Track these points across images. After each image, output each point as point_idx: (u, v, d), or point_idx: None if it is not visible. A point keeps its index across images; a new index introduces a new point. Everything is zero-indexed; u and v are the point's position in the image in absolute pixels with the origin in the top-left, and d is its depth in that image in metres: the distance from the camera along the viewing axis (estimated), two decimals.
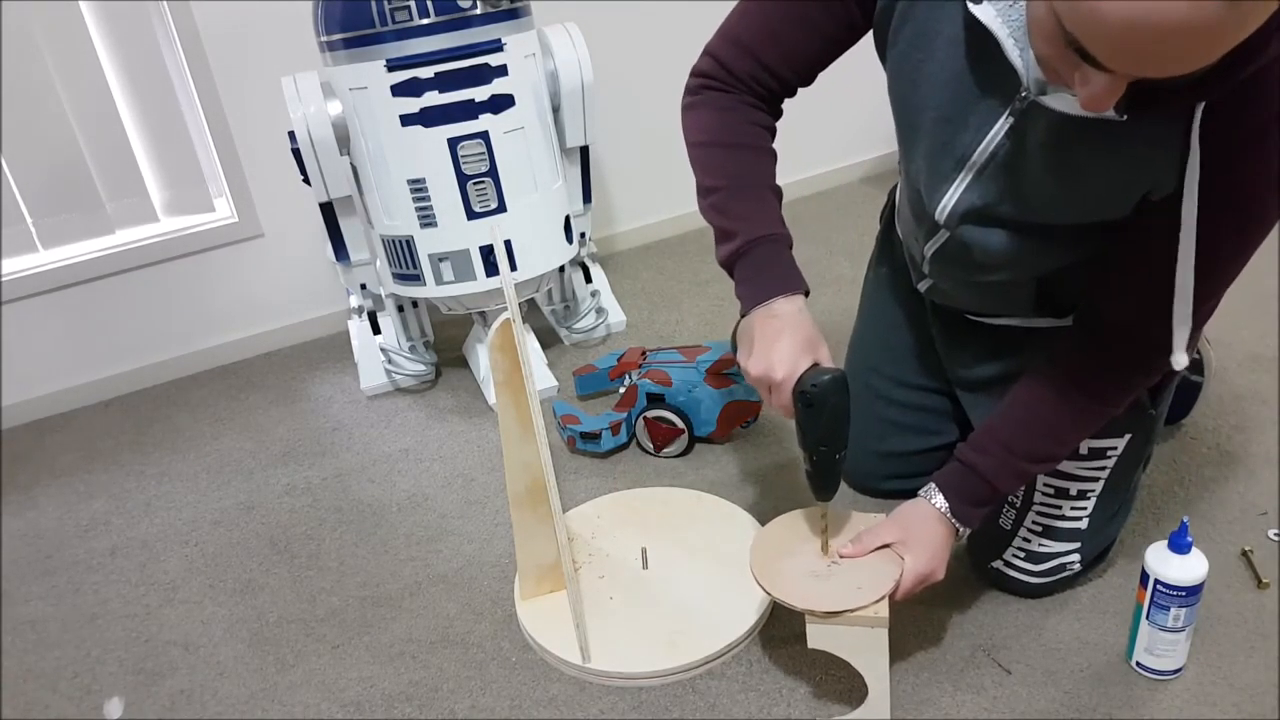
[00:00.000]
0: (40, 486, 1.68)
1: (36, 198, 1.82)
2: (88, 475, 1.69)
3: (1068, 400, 0.95)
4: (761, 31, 0.98)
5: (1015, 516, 1.13)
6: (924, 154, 0.95)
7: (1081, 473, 1.09)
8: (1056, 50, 0.69)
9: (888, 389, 1.29)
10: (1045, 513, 1.11)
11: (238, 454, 1.70)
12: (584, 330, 1.92)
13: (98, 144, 1.83)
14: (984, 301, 1.10)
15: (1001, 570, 1.15)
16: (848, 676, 1.07)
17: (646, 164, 2.32)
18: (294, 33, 1.82)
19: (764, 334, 0.95)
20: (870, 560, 0.99)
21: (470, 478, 1.54)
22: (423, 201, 1.57)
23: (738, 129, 1.01)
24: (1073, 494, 1.09)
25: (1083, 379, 0.95)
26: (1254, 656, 1.05)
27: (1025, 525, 1.12)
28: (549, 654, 1.15)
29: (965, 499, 1.00)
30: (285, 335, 2.10)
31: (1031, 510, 1.12)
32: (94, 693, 1.20)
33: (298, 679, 1.18)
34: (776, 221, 1.00)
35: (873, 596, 0.94)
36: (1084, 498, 1.10)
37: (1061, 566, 1.12)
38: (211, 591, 1.36)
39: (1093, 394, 0.96)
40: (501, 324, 1.05)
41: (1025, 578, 1.13)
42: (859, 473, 1.35)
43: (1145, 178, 0.83)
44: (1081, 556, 1.12)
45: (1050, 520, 1.11)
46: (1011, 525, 1.13)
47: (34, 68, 1.72)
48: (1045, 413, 0.97)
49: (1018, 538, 1.13)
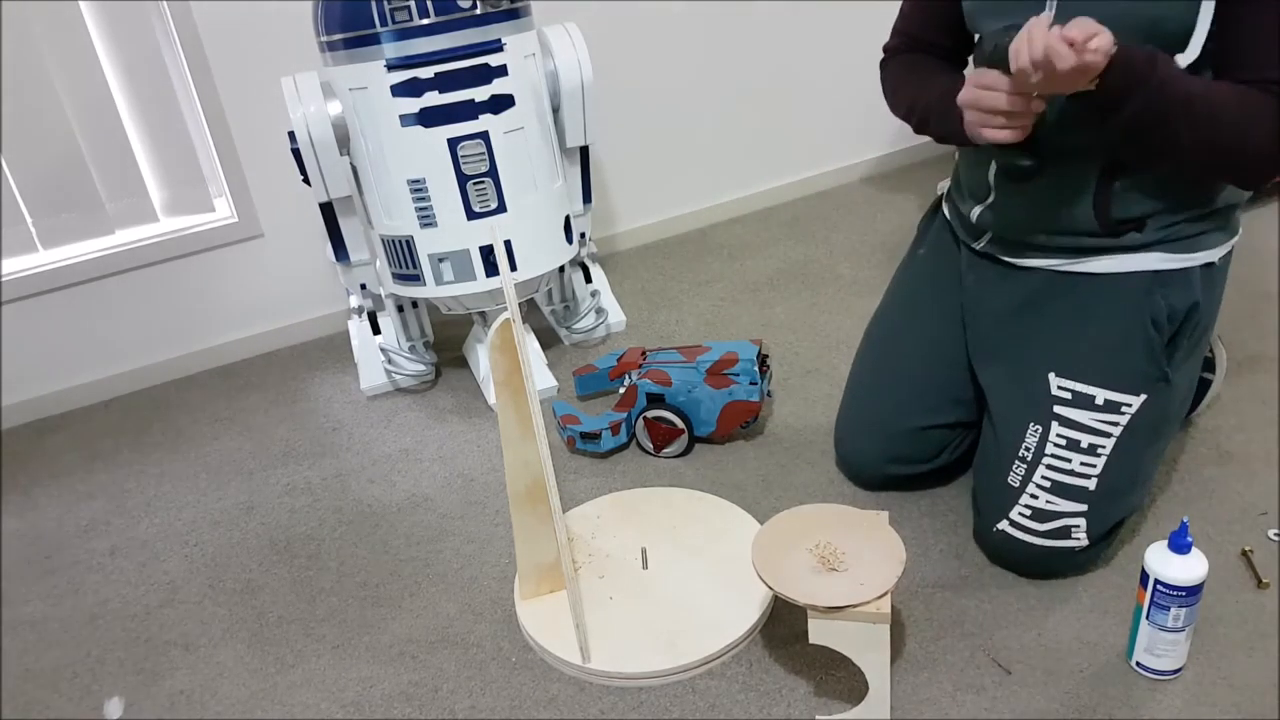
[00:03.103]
0: (40, 486, 1.68)
1: (36, 198, 1.82)
2: (88, 475, 1.69)
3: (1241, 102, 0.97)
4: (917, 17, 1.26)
5: (1025, 471, 1.14)
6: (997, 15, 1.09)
7: (1095, 425, 1.11)
8: None
9: (902, 366, 1.33)
10: (1055, 466, 1.13)
11: (238, 454, 1.70)
12: (584, 330, 1.92)
13: (98, 144, 1.83)
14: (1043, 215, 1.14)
15: (1006, 533, 1.16)
16: (848, 676, 1.08)
17: (646, 164, 2.32)
18: (294, 33, 1.82)
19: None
20: (872, 557, 1.00)
21: (470, 478, 1.54)
22: (423, 201, 1.57)
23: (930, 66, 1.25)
24: (1084, 447, 1.12)
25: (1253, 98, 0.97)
26: (1254, 656, 1.05)
27: (1034, 480, 1.14)
28: (549, 654, 1.15)
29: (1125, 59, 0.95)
30: (285, 335, 2.10)
31: (1042, 463, 1.13)
32: (94, 693, 1.20)
33: (298, 679, 1.18)
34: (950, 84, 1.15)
35: (875, 592, 0.95)
36: (1095, 453, 1.12)
37: (1066, 530, 1.13)
38: (211, 591, 1.36)
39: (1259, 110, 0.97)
40: (501, 324, 1.05)
41: (1029, 539, 1.14)
42: (860, 456, 1.36)
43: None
44: (1087, 524, 1.12)
45: (1059, 475, 1.13)
46: (1020, 481, 1.15)
47: (34, 68, 1.72)
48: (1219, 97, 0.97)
49: (1025, 494, 1.14)
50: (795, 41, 2.35)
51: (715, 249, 2.28)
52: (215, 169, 1.93)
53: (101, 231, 1.89)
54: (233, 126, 1.88)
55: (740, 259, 2.21)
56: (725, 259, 2.22)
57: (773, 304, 1.98)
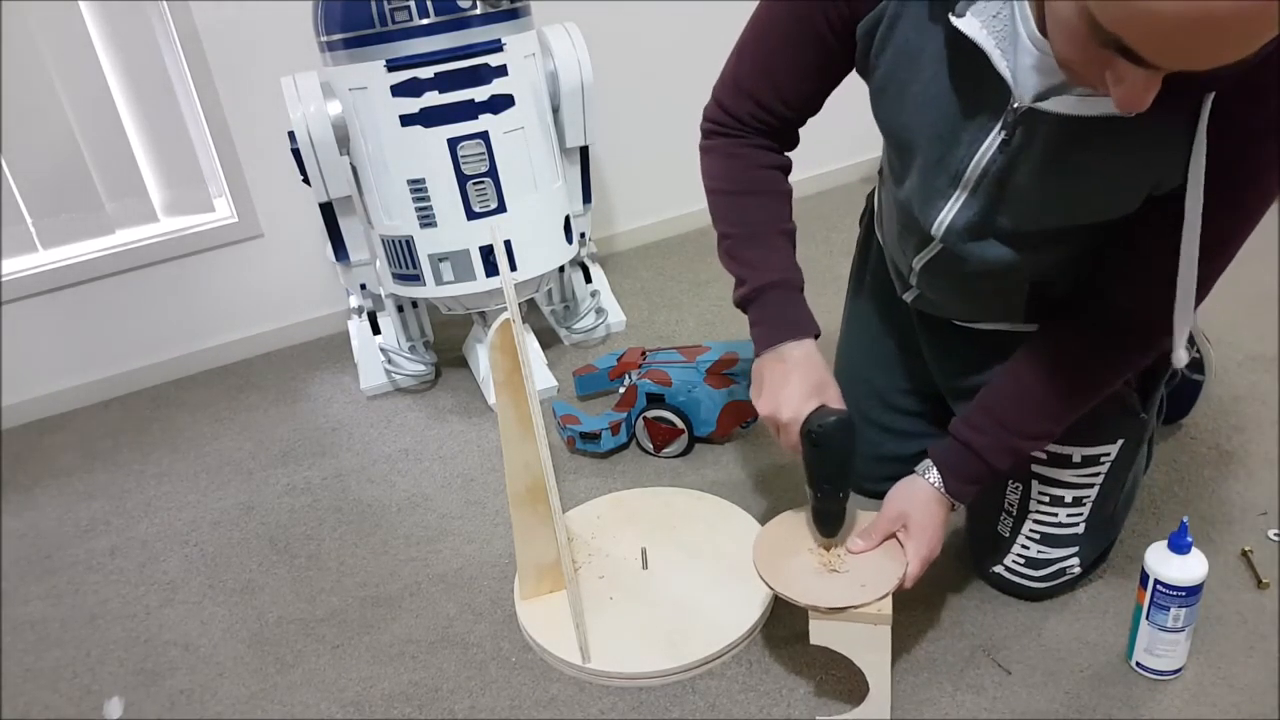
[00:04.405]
0: (40, 486, 1.68)
1: (36, 198, 1.82)
2: (88, 475, 1.69)
3: (1064, 378, 0.95)
4: (756, 72, 1.01)
5: (1012, 525, 1.13)
6: (917, 171, 0.95)
7: (1076, 481, 1.08)
8: (1085, 51, 0.67)
9: (878, 397, 1.28)
10: (1042, 520, 1.11)
11: (237, 454, 1.70)
12: (584, 330, 1.92)
13: (98, 144, 1.83)
14: (974, 309, 1.09)
15: (1002, 575, 1.15)
16: (848, 676, 1.07)
17: (646, 164, 2.32)
18: (294, 33, 1.82)
19: (773, 377, 0.99)
20: (874, 557, 0.99)
21: (470, 478, 1.54)
22: (422, 201, 1.57)
23: (745, 175, 1.05)
24: (1068, 501, 1.09)
25: (1081, 358, 0.95)
26: (1254, 656, 1.05)
27: (1023, 533, 1.12)
28: (549, 654, 1.15)
29: (961, 477, 1.00)
30: (285, 335, 2.10)
31: (1028, 519, 1.12)
32: (94, 693, 1.20)
33: (298, 679, 1.18)
34: (786, 266, 1.03)
35: (876, 594, 0.94)
36: (1080, 504, 1.10)
37: (1061, 571, 1.12)
38: (211, 591, 1.36)
39: (1090, 372, 0.95)
40: (501, 324, 1.05)
41: (1026, 582, 1.13)
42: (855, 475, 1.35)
43: (1150, 174, 0.83)
44: (1081, 560, 1.12)
45: (1047, 528, 1.11)
46: (1009, 533, 1.13)
47: (34, 68, 1.72)
48: (1041, 391, 0.96)
49: (1016, 545, 1.13)
50: None
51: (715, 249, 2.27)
52: (215, 169, 1.93)
53: (101, 231, 1.89)
54: (233, 126, 1.88)
55: None
56: None
57: None
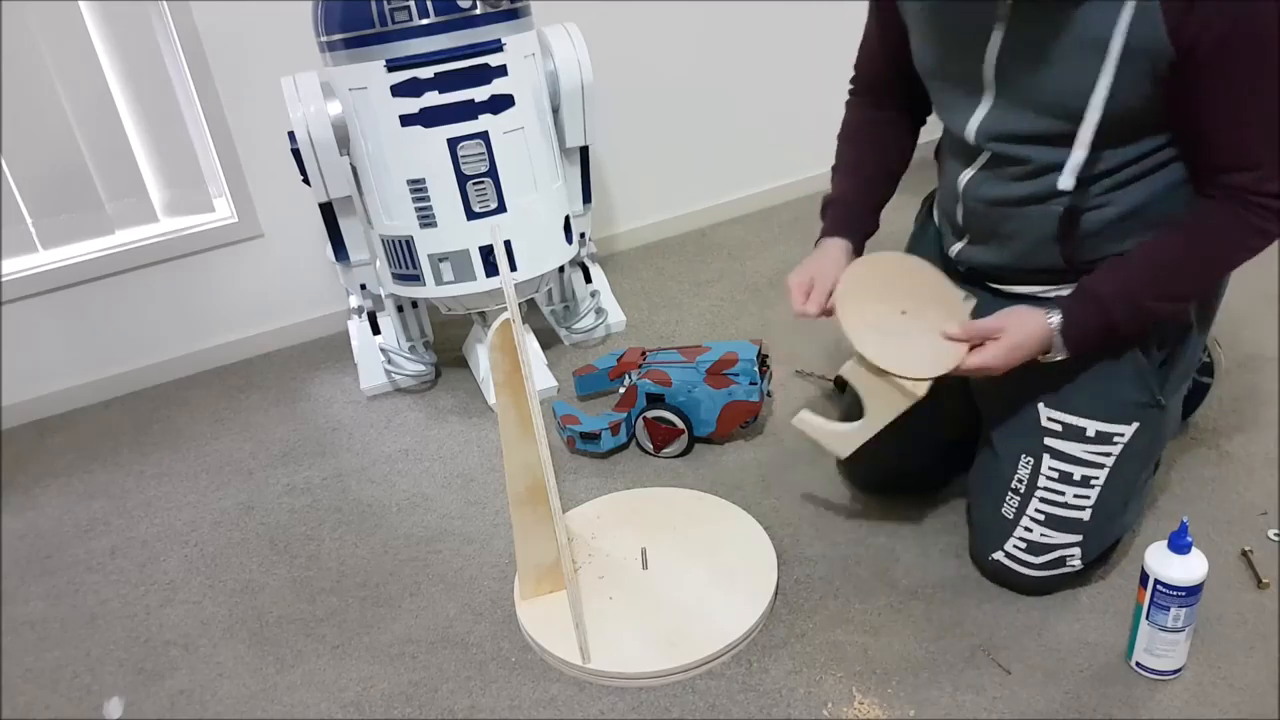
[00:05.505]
0: (40, 486, 1.68)
1: (36, 198, 1.82)
2: (88, 475, 1.69)
3: (1194, 246, 1.00)
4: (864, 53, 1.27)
5: (1018, 505, 1.13)
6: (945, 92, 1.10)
7: (1087, 457, 1.10)
8: None
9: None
10: (1048, 499, 1.11)
11: (237, 454, 1.70)
12: (584, 330, 1.92)
13: (98, 144, 1.83)
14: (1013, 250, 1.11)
15: (1001, 563, 1.15)
16: (847, 677, 1.08)
17: (646, 164, 2.32)
18: (294, 33, 1.82)
19: (807, 259, 1.21)
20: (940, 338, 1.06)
21: (470, 478, 1.54)
22: (422, 201, 1.57)
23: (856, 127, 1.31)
24: (1077, 479, 1.10)
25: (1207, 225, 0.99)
26: (1254, 656, 1.05)
27: (1028, 513, 1.13)
28: (549, 654, 1.15)
29: (1079, 321, 1.02)
30: (285, 335, 2.10)
31: (1035, 496, 1.12)
32: (94, 693, 1.20)
33: (298, 679, 1.18)
34: (854, 191, 1.27)
35: (924, 372, 1.06)
36: (1088, 485, 1.10)
37: (1061, 560, 1.12)
38: (211, 591, 1.36)
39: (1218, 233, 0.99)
40: (501, 324, 1.05)
41: (1025, 570, 1.13)
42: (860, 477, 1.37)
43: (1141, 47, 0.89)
44: (1082, 552, 1.12)
45: (1053, 508, 1.11)
46: (1014, 514, 1.14)
47: (34, 68, 1.72)
48: (1168, 255, 1.01)
49: (1019, 527, 1.13)
50: (796, 41, 2.35)
51: (715, 249, 2.28)
52: (215, 169, 1.93)
53: (101, 231, 1.89)
54: (233, 126, 1.88)
55: (740, 259, 2.21)
56: (725, 259, 2.22)
57: (773, 304, 1.98)
